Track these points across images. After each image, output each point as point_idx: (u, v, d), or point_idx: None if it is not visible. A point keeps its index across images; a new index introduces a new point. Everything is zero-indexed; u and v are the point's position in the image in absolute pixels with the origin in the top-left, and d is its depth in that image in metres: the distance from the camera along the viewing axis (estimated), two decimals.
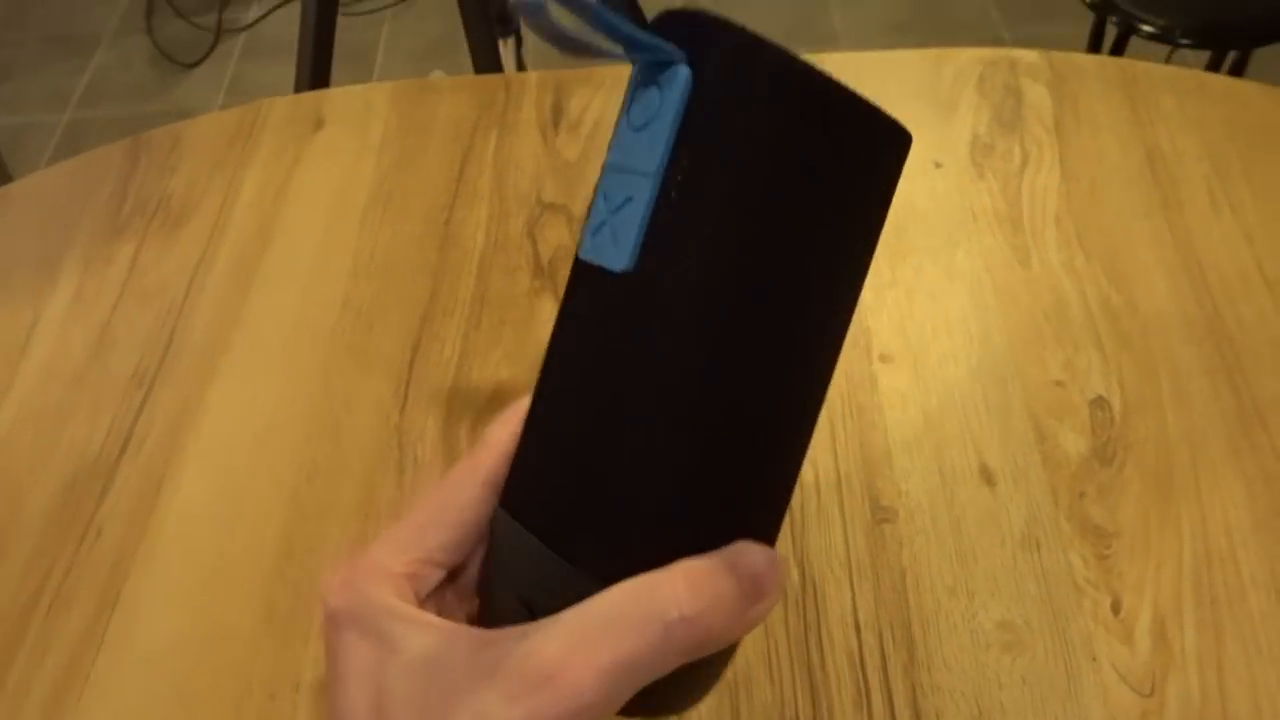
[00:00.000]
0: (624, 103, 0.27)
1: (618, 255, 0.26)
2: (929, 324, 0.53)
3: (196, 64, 2.32)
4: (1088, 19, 1.63)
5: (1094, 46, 1.68)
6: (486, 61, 0.92)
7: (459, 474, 0.29)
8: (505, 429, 0.30)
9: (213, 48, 2.35)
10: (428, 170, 0.64)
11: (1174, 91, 0.62)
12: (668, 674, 0.25)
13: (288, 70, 2.28)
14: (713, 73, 0.25)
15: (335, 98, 0.69)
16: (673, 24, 0.26)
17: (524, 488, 0.29)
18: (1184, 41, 1.51)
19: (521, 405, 0.29)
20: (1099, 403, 0.50)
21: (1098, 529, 0.46)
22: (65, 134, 2.15)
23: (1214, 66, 1.59)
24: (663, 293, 0.26)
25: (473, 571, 0.30)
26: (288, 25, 2.41)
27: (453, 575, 0.30)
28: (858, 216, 0.27)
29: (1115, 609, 0.43)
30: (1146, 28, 1.50)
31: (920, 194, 0.59)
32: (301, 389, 0.54)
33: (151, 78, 2.30)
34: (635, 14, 0.91)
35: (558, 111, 0.66)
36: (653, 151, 0.26)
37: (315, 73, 0.88)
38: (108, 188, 0.65)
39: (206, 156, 0.66)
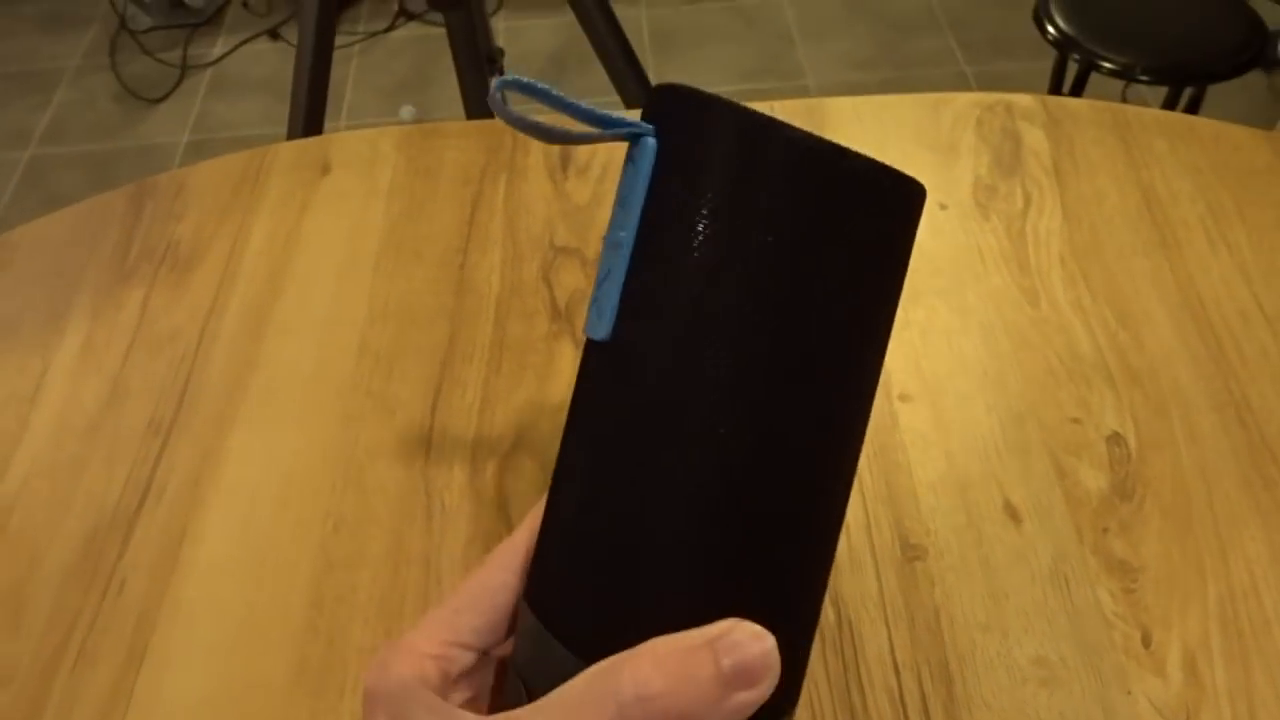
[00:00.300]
0: None
1: (601, 326, 0.26)
2: (944, 364, 0.55)
3: (161, 100, 2.31)
4: (1046, 55, 1.67)
5: (1056, 82, 1.72)
6: (479, 103, 0.93)
7: (496, 558, 0.30)
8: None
9: (178, 84, 2.34)
10: (439, 215, 0.64)
11: (1165, 135, 0.64)
12: None
13: (254, 106, 2.28)
14: (671, 141, 0.25)
15: (341, 142, 0.69)
16: (650, 99, 0.27)
17: (533, 570, 0.29)
18: (1143, 78, 1.56)
19: None
20: (1115, 439, 0.51)
21: (1123, 564, 0.47)
22: (27, 170, 2.12)
23: (1171, 101, 1.64)
24: (636, 362, 0.25)
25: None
26: (253, 61, 2.41)
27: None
28: (847, 278, 0.25)
29: (1145, 642, 0.44)
30: (1108, 65, 1.55)
31: (926, 235, 0.60)
32: (323, 437, 0.54)
33: (116, 114, 2.28)
34: (644, 90, 0.93)
35: (565, 155, 0.67)
36: (628, 223, 0.26)
37: (310, 113, 0.88)
38: (113, 234, 0.65)
39: (213, 202, 0.66)
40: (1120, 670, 0.44)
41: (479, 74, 0.92)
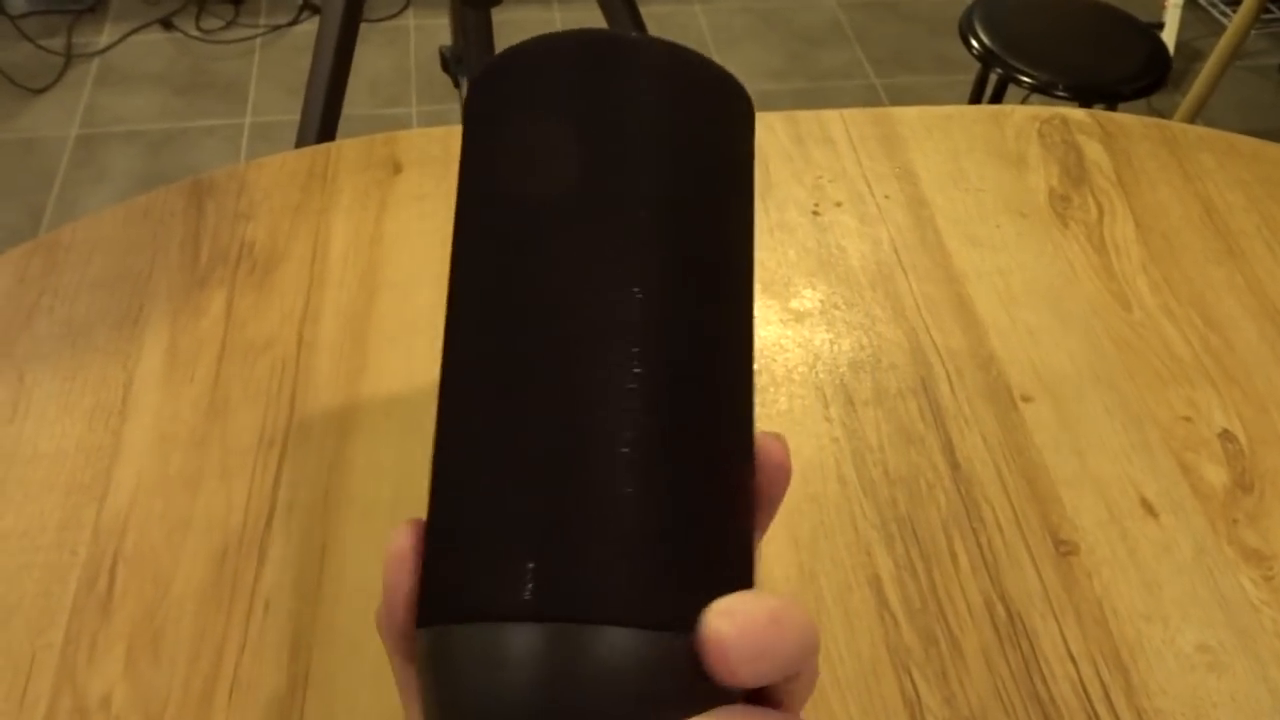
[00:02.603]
0: None
1: None
2: (1056, 366, 0.57)
3: (44, 90, 2.16)
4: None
5: (977, 93, 1.81)
6: None
7: None
8: None
9: (62, 73, 2.19)
10: None
11: (1210, 151, 0.69)
12: None
13: (149, 99, 2.17)
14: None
15: (408, 141, 0.67)
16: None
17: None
18: (1062, 94, 1.66)
19: None
20: (1227, 436, 0.54)
21: (1257, 553, 0.50)
22: None
23: None
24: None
25: None
26: (146, 52, 2.28)
27: None
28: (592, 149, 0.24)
29: None
30: (1027, 80, 1.64)
31: (1012, 242, 0.63)
32: None
33: None
34: (637, 22, 0.92)
35: None
36: None
37: (326, 114, 0.84)
38: (176, 234, 0.61)
39: (280, 201, 0.63)
40: (1276, 653, 0.46)
41: None
